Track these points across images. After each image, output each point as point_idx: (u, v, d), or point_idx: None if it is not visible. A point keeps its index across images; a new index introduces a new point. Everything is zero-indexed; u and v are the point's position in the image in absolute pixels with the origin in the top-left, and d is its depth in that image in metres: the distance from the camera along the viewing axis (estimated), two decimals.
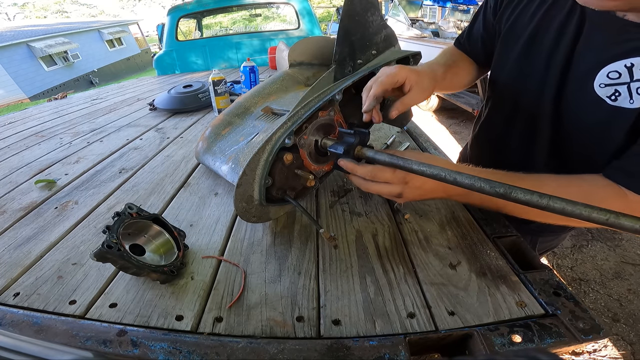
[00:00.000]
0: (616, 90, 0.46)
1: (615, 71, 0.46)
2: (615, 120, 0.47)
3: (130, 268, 0.44)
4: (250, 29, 4.06)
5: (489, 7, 0.69)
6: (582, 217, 0.30)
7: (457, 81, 0.74)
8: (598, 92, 0.48)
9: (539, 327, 0.38)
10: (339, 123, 0.58)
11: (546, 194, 0.32)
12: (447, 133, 3.85)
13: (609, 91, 0.47)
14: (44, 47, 12.21)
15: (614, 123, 0.47)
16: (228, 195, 0.71)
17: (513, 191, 0.34)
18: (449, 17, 6.60)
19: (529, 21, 0.59)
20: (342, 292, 0.45)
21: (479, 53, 0.75)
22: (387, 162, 0.46)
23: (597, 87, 0.48)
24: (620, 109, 0.46)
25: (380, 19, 0.65)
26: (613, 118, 0.47)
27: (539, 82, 0.57)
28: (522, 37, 0.60)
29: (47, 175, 0.88)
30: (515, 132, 0.66)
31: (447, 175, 0.39)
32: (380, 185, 0.49)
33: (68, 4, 34.64)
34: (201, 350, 0.37)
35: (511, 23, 0.62)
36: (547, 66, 0.55)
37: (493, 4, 0.68)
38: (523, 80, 0.61)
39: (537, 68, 0.57)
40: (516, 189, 0.34)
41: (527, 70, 0.59)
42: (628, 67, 0.44)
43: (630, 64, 0.44)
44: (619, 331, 1.43)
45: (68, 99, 2.03)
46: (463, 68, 0.75)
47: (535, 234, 0.74)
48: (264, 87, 0.84)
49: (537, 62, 0.57)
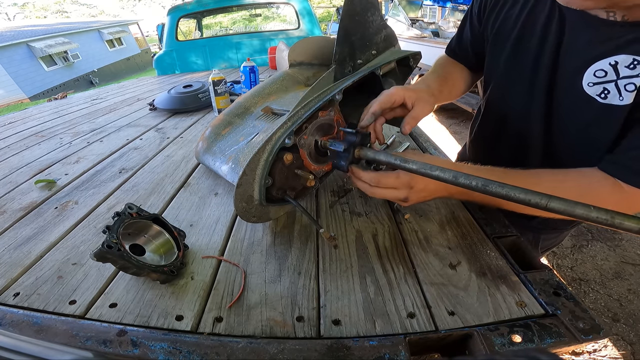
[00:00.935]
0: (605, 88, 0.46)
1: (601, 69, 0.46)
2: (606, 117, 0.47)
3: (130, 268, 0.44)
4: (250, 29, 4.07)
5: (474, 13, 0.69)
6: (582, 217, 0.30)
7: (454, 92, 0.75)
8: (587, 90, 0.48)
9: (539, 327, 0.38)
10: (338, 123, 0.58)
11: (546, 194, 0.32)
12: (447, 133, 3.85)
13: (597, 89, 0.47)
14: (44, 47, 12.21)
15: (605, 120, 0.48)
16: (228, 195, 0.71)
17: (513, 192, 0.34)
18: (449, 17, 6.60)
19: (514, 24, 0.59)
20: (342, 292, 0.45)
21: (470, 59, 0.75)
22: (387, 162, 0.46)
23: (586, 86, 0.48)
24: (611, 107, 0.46)
25: (380, 19, 0.65)
26: (604, 116, 0.47)
27: (529, 83, 0.57)
28: (509, 40, 0.60)
29: (47, 175, 0.88)
30: (508, 133, 0.66)
31: (448, 175, 0.39)
32: (385, 191, 0.51)
33: (68, 4, 34.65)
34: (201, 350, 0.37)
35: (497, 28, 0.63)
36: (535, 67, 0.56)
37: (477, 10, 0.68)
38: (513, 82, 0.61)
39: (526, 70, 0.57)
40: (516, 190, 0.34)
41: (516, 72, 0.60)
42: (612, 65, 0.45)
43: (615, 61, 0.44)
44: (619, 331, 1.43)
45: (68, 99, 2.03)
46: (457, 77, 0.76)
47: (537, 231, 0.74)
48: (264, 87, 0.84)
49: (525, 64, 0.58)
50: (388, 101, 0.56)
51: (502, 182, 0.36)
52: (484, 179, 0.37)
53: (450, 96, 0.73)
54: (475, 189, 0.37)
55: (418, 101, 0.57)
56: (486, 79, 0.71)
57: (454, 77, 0.75)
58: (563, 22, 0.51)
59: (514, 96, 0.62)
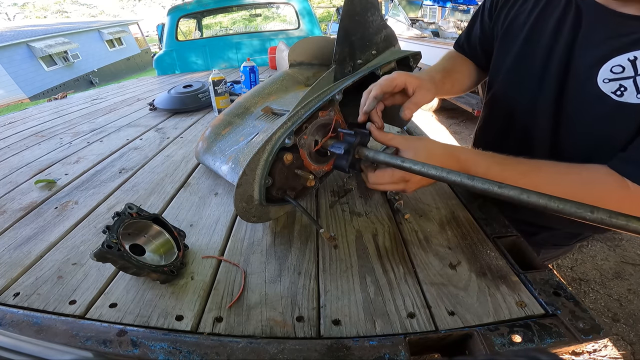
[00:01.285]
0: (621, 85, 0.44)
1: (618, 65, 0.44)
2: (620, 116, 0.46)
3: (130, 268, 0.44)
4: (250, 29, 4.07)
5: (486, 9, 0.69)
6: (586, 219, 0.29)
7: (457, 86, 0.73)
8: (602, 87, 0.46)
9: (539, 327, 0.38)
10: (338, 123, 0.58)
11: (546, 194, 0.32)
12: (447, 133, 3.85)
13: (613, 86, 0.45)
14: (44, 47, 12.21)
15: (619, 119, 0.46)
16: (228, 195, 0.71)
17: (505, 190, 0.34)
18: (449, 17, 6.60)
19: (525, 21, 0.58)
20: (342, 292, 0.45)
21: (478, 56, 0.74)
22: (386, 162, 0.46)
23: (601, 83, 0.47)
24: (626, 105, 0.44)
25: (380, 19, 0.65)
26: (618, 114, 0.46)
27: (538, 81, 0.56)
28: (519, 37, 0.59)
29: (47, 175, 0.88)
30: (513, 133, 0.65)
31: (444, 174, 0.39)
32: (386, 186, 0.52)
33: (68, 4, 34.64)
34: (201, 350, 0.37)
35: (508, 24, 0.62)
36: (545, 64, 0.55)
37: (489, 5, 0.68)
38: (522, 77, 0.60)
39: (535, 67, 0.56)
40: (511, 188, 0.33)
41: (525, 69, 0.59)
42: (631, 60, 0.43)
43: (634, 57, 0.43)
44: (619, 331, 1.43)
45: (68, 99, 2.03)
46: (463, 72, 0.74)
47: (539, 246, 0.73)
48: (264, 87, 0.84)
49: (534, 61, 0.57)
50: (389, 85, 0.54)
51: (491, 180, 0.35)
52: (472, 176, 0.36)
53: (453, 89, 0.72)
54: (466, 186, 0.37)
55: (419, 88, 0.55)
56: (492, 76, 0.70)
57: (459, 70, 0.74)
58: (579, 16, 0.50)
59: (523, 91, 0.60)
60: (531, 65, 0.57)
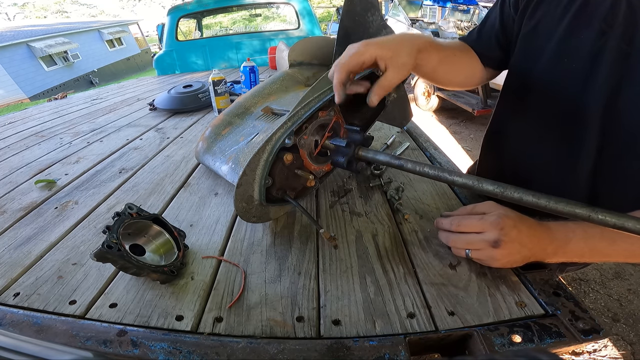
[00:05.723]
0: None
1: None
2: None
3: (130, 268, 0.44)
4: (250, 29, 4.07)
5: (510, 3, 0.60)
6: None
7: (450, 77, 0.65)
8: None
9: (539, 327, 0.38)
10: (337, 123, 0.58)
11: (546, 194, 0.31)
12: (447, 133, 3.85)
13: None
14: (44, 47, 12.22)
15: None
16: (228, 195, 0.71)
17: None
18: (449, 17, 6.59)
19: (561, 16, 0.51)
20: (342, 292, 0.45)
21: (489, 50, 0.66)
22: (386, 162, 0.46)
23: None
24: None
25: (380, 19, 0.65)
26: None
27: (582, 84, 0.49)
28: (554, 35, 0.51)
29: (47, 175, 0.88)
30: (547, 144, 0.56)
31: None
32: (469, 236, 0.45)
33: (68, 4, 34.65)
34: (201, 350, 0.37)
35: (538, 19, 0.54)
36: (593, 65, 0.48)
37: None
38: (557, 83, 0.53)
39: (579, 68, 0.49)
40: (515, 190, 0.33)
41: (564, 71, 0.51)
42: None
43: None
44: (619, 331, 1.43)
45: (68, 99, 2.04)
46: (462, 59, 0.66)
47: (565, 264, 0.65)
48: (264, 87, 0.84)
49: (577, 61, 0.49)
50: (357, 63, 0.45)
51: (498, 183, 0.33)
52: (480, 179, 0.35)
53: (446, 77, 0.64)
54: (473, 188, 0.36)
55: (391, 64, 0.46)
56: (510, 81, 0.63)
57: (459, 56, 0.65)
58: (633, 13, 0.43)
59: (559, 101, 0.53)
60: (573, 67, 0.50)
